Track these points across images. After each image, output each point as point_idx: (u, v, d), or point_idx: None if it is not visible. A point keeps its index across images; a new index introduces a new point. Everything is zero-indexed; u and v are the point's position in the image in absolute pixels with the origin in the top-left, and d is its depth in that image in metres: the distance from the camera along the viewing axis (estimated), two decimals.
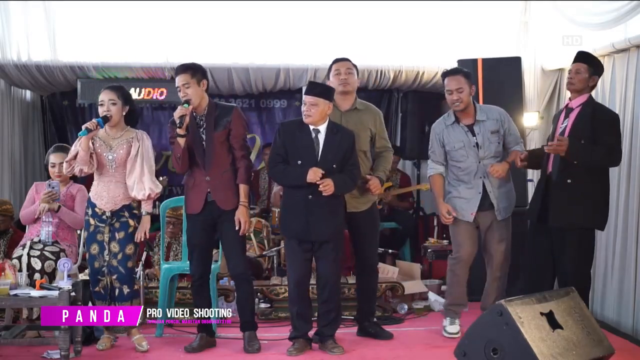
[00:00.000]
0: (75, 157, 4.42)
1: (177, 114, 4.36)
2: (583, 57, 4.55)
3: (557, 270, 4.58)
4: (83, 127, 4.37)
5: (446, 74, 4.76)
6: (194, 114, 4.45)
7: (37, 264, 4.66)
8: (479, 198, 4.71)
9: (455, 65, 5.68)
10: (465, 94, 4.64)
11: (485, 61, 5.92)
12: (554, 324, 3.58)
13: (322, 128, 4.45)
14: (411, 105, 7.34)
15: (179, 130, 4.36)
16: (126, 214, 4.51)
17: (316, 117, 4.41)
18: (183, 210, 5.15)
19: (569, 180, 4.40)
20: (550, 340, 3.49)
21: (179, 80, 4.42)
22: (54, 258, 4.69)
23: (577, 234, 4.43)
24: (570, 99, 4.59)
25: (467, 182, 4.74)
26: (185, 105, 4.37)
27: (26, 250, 4.73)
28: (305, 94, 4.45)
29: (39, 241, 4.79)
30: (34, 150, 7.45)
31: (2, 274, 4.27)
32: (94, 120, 4.42)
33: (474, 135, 4.70)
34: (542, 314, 3.58)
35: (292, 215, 4.45)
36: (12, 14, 6.63)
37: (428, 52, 6.85)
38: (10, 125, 6.82)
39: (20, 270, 4.51)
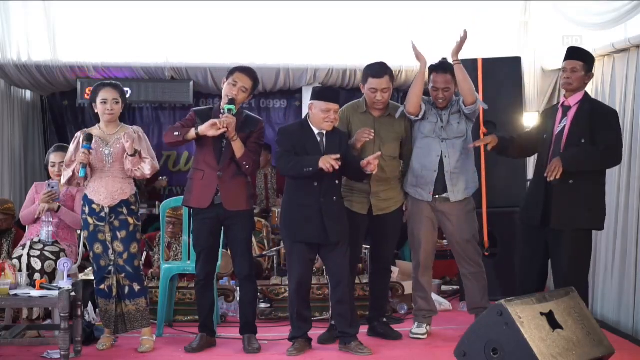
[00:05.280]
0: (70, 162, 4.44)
1: (224, 123, 4.33)
2: (577, 54, 4.45)
3: (553, 272, 4.52)
4: (80, 164, 4.34)
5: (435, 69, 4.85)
6: (222, 111, 4.40)
7: (37, 264, 4.66)
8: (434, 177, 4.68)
9: None
10: (450, 92, 4.76)
11: (485, 61, 5.90)
12: (554, 324, 3.58)
13: (324, 130, 4.48)
14: None
15: (203, 130, 4.32)
16: (125, 210, 4.48)
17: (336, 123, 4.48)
18: (183, 210, 5.16)
19: (570, 181, 4.30)
20: (550, 340, 3.49)
21: (244, 82, 4.44)
22: (54, 258, 4.69)
23: (574, 235, 4.32)
24: (565, 96, 4.51)
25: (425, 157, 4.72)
26: (232, 108, 4.34)
27: (26, 250, 4.73)
28: (331, 101, 4.40)
29: (39, 241, 4.79)
30: (34, 150, 7.45)
31: (2, 274, 4.27)
32: (82, 149, 4.35)
33: (441, 120, 4.73)
34: (542, 314, 3.58)
35: (303, 219, 4.40)
36: (12, 14, 6.64)
37: (428, 52, 6.81)
38: (10, 125, 6.82)
39: (20, 270, 4.51)
